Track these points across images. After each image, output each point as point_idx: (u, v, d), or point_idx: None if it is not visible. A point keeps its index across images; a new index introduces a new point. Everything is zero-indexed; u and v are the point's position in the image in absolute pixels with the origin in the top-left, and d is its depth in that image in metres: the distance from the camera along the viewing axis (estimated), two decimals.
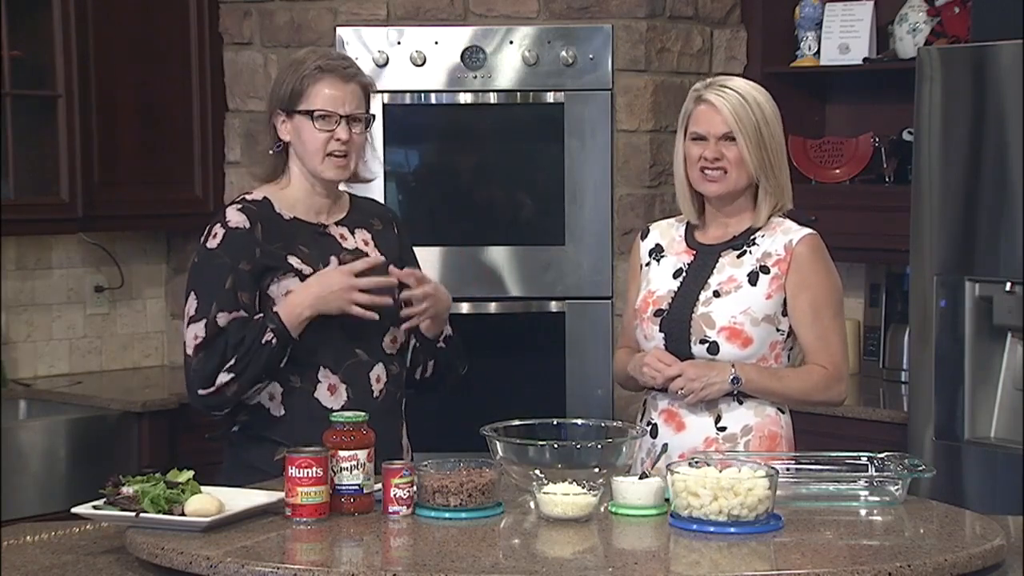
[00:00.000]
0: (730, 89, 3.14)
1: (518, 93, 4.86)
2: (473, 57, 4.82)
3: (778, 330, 3.16)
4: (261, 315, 3.14)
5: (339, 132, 3.18)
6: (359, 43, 4.81)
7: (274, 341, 3.11)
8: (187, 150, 4.98)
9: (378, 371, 3.24)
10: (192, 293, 3.17)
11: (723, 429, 3.15)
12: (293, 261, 3.17)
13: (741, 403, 3.16)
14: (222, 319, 3.12)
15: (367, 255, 3.26)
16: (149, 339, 5.27)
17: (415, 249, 3.45)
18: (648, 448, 3.16)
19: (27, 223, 4.61)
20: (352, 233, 3.29)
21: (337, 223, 3.29)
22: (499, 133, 4.90)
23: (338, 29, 4.84)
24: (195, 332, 3.14)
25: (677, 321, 3.16)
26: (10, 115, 4.53)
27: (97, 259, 5.10)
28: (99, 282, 5.12)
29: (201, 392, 3.14)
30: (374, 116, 3.29)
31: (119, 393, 4.71)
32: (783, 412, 3.22)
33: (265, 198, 3.23)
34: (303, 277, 3.16)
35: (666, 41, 4.90)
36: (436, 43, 4.81)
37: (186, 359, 3.16)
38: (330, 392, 3.19)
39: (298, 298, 3.13)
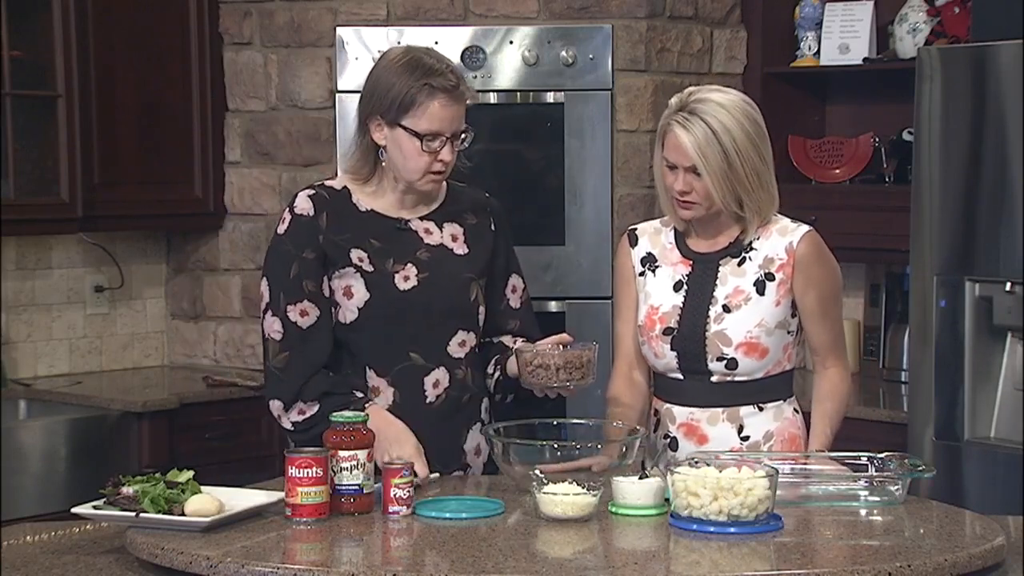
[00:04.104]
0: (698, 118, 3.01)
1: (518, 93, 4.86)
2: (473, 57, 4.82)
3: (788, 332, 3.13)
4: (362, 396, 3.01)
5: (444, 154, 3.03)
6: (359, 43, 4.81)
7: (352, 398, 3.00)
8: (187, 150, 4.98)
9: (437, 375, 3.09)
10: (265, 279, 3.07)
11: (746, 439, 3.11)
12: (356, 255, 3.05)
13: (762, 409, 3.13)
14: (292, 313, 3.01)
15: (450, 252, 3.13)
16: (149, 339, 5.27)
17: None
18: (668, 461, 3.06)
19: (27, 223, 4.61)
20: (440, 227, 3.15)
21: (423, 217, 3.14)
22: (499, 133, 4.90)
23: (338, 29, 4.84)
24: (271, 323, 3.04)
25: (690, 340, 3.10)
26: (10, 115, 4.53)
27: (97, 259, 5.10)
28: (99, 282, 5.11)
29: (278, 404, 3.02)
30: (472, 130, 3.10)
31: (119, 393, 4.71)
32: (798, 412, 3.20)
33: (345, 187, 3.11)
34: (365, 274, 3.05)
35: (666, 41, 4.90)
36: (436, 43, 4.80)
37: (265, 349, 3.05)
38: (373, 394, 3.07)
39: (388, 428, 2.95)
